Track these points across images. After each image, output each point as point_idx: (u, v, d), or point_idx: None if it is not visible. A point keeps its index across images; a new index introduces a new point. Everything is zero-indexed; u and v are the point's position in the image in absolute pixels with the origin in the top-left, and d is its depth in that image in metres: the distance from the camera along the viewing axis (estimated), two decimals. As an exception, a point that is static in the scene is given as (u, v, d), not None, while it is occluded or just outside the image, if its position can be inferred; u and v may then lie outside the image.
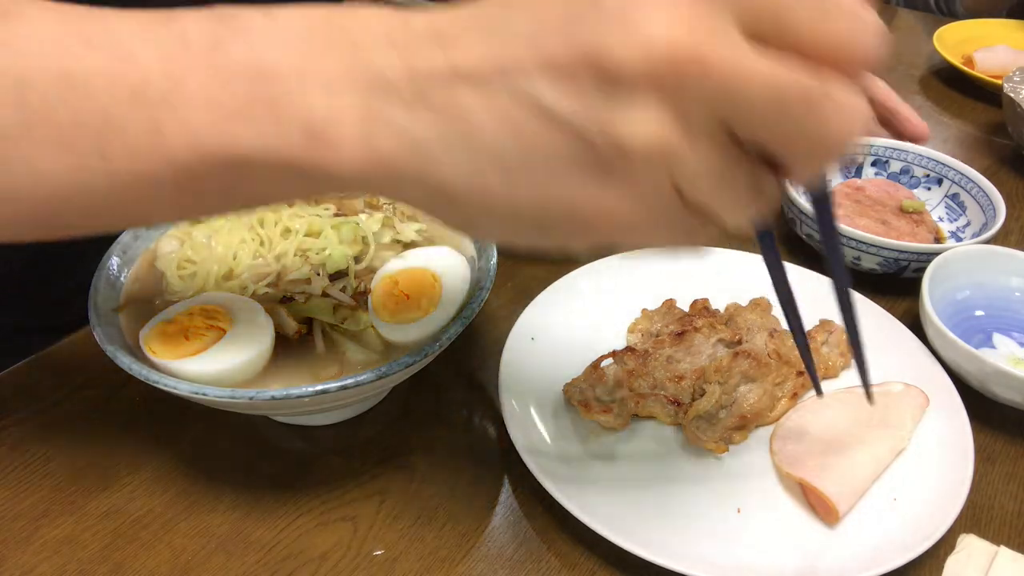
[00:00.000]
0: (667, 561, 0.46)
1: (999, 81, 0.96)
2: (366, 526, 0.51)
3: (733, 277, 0.68)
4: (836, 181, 0.83)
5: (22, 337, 0.65)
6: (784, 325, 0.63)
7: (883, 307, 0.64)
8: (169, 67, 0.32)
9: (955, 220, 0.79)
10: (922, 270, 0.64)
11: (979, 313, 0.67)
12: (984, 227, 0.74)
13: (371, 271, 0.55)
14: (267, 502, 0.52)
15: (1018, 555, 0.49)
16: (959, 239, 0.77)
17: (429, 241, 0.59)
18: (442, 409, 0.59)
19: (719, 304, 0.65)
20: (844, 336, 0.61)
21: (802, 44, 0.27)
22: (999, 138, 0.99)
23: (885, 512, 0.51)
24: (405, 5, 0.34)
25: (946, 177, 0.81)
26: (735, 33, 0.26)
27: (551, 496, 0.49)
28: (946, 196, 0.81)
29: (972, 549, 0.50)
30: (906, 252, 0.68)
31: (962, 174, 0.79)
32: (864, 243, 0.69)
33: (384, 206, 0.61)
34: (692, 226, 0.32)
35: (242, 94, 0.32)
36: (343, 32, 0.31)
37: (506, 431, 0.53)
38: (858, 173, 0.85)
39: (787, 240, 0.77)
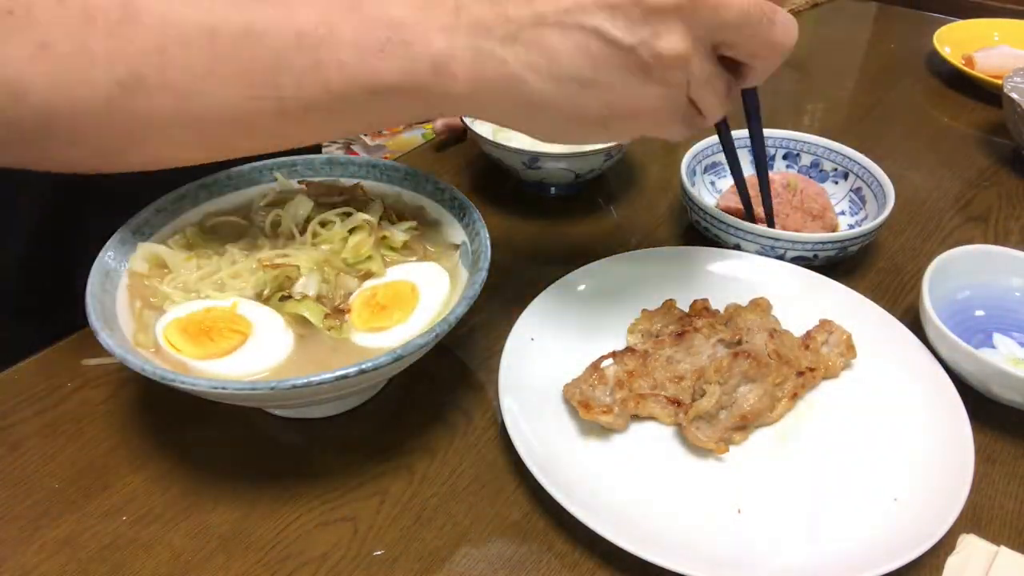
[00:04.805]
0: (667, 561, 0.46)
1: (999, 81, 0.96)
2: (366, 526, 0.51)
3: (733, 277, 0.69)
4: (747, 172, 0.82)
5: (22, 337, 0.65)
6: (784, 325, 0.63)
7: (883, 307, 0.64)
8: (323, 19, 0.43)
9: (856, 214, 0.79)
10: (805, 258, 0.70)
11: (979, 313, 0.67)
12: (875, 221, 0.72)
13: (352, 288, 0.56)
14: (267, 502, 0.52)
15: (1018, 555, 0.49)
16: None
17: (411, 253, 0.59)
18: (442, 409, 0.59)
19: (719, 304, 0.65)
20: (844, 336, 0.61)
21: None
22: (999, 138, 0.99)
23: (885, 512, 0.51)
24: None
25: (851, 171, 0.80)
26: None
27: (551, 496, 0.49)
28: (851, 190, 0.80)
29: (972, 549, 0.50)
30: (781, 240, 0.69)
31: (865, 168, 0.78)
32: (742, 230, 0.70)
33: (379, 200, 0.61)
34: (691, 117, 0.49)
35: (382, 38, 0.43)
36: None
37: (506, 431, 0.53)
38: (770, 166, 0.84)
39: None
